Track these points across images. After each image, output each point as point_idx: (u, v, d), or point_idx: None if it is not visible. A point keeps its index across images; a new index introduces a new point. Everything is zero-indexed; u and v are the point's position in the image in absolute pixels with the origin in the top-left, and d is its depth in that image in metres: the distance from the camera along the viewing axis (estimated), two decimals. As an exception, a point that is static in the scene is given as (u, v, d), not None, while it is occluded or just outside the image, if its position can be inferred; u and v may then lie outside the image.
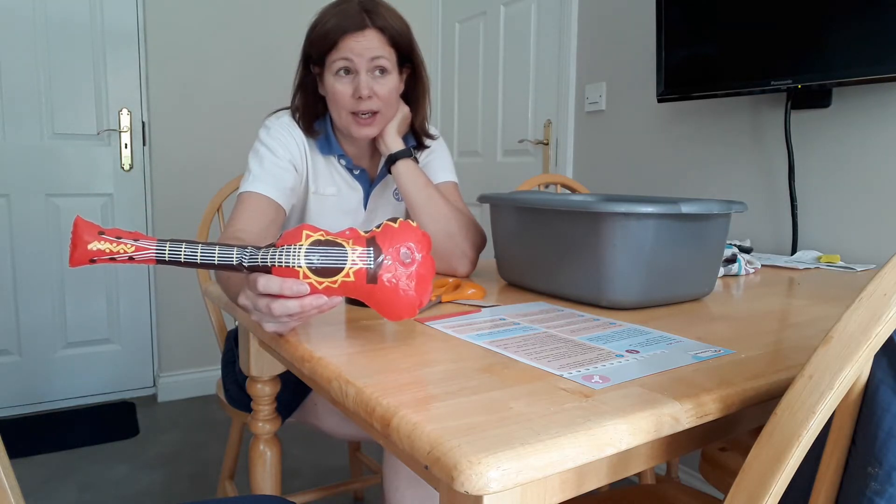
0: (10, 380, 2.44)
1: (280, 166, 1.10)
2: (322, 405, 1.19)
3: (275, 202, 1.07)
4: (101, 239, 0.62)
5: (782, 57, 1.46)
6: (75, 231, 0.61)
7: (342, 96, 1.07)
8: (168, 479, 1.97)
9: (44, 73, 2.38)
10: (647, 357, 0.63)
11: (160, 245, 0.63)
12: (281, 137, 1.12)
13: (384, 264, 0.66)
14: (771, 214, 1.67)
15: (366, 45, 1.05)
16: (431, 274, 0.70)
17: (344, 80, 1.07)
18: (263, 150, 1.10)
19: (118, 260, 0.62)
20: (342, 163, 1.18)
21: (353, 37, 1.05)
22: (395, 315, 0.68)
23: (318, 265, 0.64)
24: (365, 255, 0.65)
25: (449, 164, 1.28)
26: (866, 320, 0.40)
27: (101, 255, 0.62)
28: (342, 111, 1.09)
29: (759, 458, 0.44)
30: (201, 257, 0.64)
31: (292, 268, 0.63)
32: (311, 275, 0.63)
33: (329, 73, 1.08)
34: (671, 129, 1.94)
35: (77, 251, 0.61)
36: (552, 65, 2.38)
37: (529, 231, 0.96)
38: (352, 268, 0.65)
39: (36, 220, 2.43)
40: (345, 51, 1.05)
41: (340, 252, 0.65)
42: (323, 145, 1.16)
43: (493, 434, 0.44)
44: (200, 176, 2.61)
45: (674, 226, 0.85)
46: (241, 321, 0.91)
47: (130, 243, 0.63)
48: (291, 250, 0.64)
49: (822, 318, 0.83)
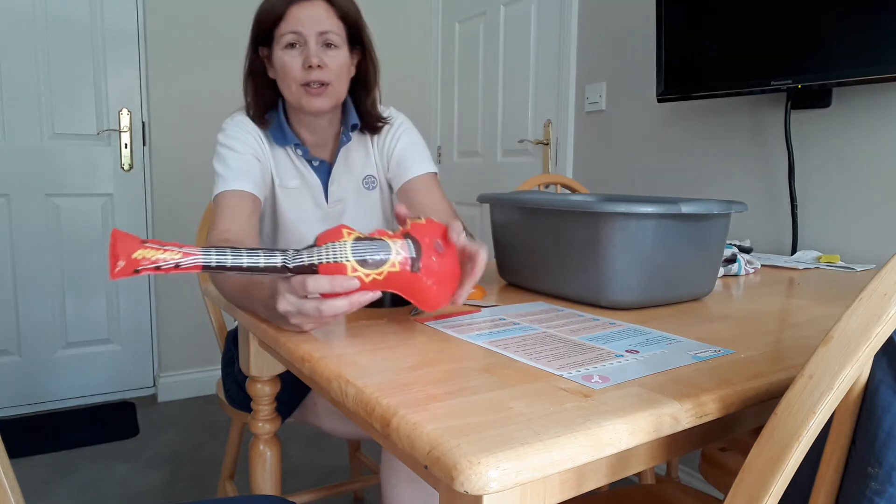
0: (10, 380, 2.44)
1: (243, 160, 1.10)
2: (322, 405, 1.19)
3: (248, 194, 1.07)
4: (145, 247, 0.60)
5: (782, 57, 1.46)
6: (115, 242, 0.59)
7: (291, 68, 1.06)
8: (168, 479, 1.97)
9: (44, 73, 2.38)
10: (647, 357, 0.63)
11: (206, 251, 0.63)
12: (237, 135, 1.12)
13: (423, 253, 0.68)
14: (771, 214, 1.67)
15: (314, 16, 1.05)
16: (458, 264, 0.73)
17: (293, 52, 1.06)
18: (224, 151, 1.11)
19: (163, 269, 0.61)
20: (299, 153, 1.16)
21: (299, 5, 1.04)
22: (434, 303, 0.70)
23: (366, 257, 0.66)
24: (405, 246, 0.68)
25: (424, 152, 1.24)
26: (866, 320, 0.40)
27: (146, 264, 0.60)
28: (292, 84, 1.07)
29: (759, 458, 0.44)
30: (247, 262, 0.64)
31: (340, 262, 0.65)
32: (359, 268, 0.65)
33: (278, 47, 1.07)
34: (671, 129, 1.94)
35: (120, 261, 0.59)
36: (552, 65, 2.38)
37: (529, 231, 0.96)
38: (396, 257, 0.67)
39: (36, 220, 2.43)
40: (292, 22, 1.04)
41: (383, 244, 0.67)
42: (277, 136, 1.15)
43: (493, 434, 0.44)
44: (200, 176, 2.61)
45: (674, 226, 0.85)
46: (241, 321, 0.91)
47: (177, 250, 0.62)
48: (336, 247, 0.65)
49: (822, 318, 0.83)
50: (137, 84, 2.53)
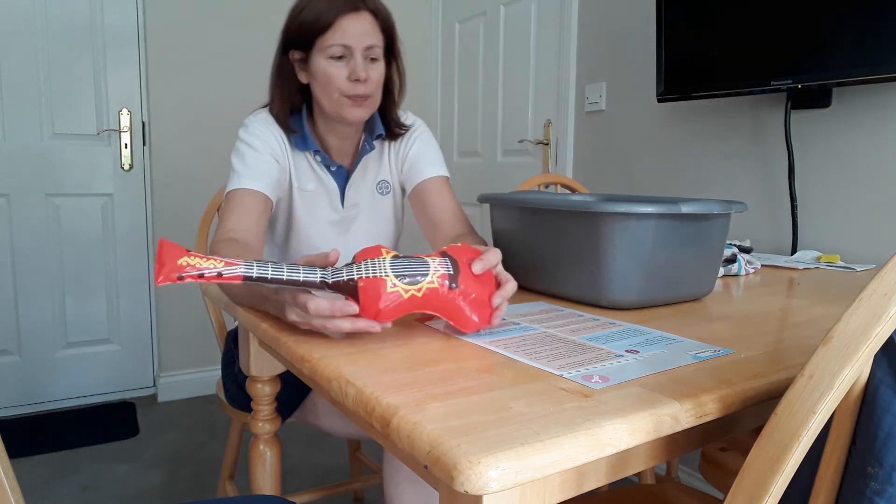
0: (10, 380, 2.44)
1: (261, 160, 1.10)
2: (322, 404, 1.19)
3: (261, 194, 1.07)
4: (189, 255, 0.62)
5: (782, 57, 1.46)
6: (161, 250, 0.62)
7: (336, 79, 1.06)
8: (168, 479, 1.97)
9: (44, 73, 2.38)
10: (647, 357, 0.63)
11: (248, 264, 0.65)
12: (259, 133, 1.12)
13: (461, 272, 0.69)
14: (771, 214, 1.67)
15: (363, 29, 1.05)
16: (494, 287, 0.73)
17: (338, 63, 1.06)
18: (244, 148, 1.11)
19: (206, 276, 0.62)
20: (318, 159, 1.17)
21: (349, 17, 1.04)
22: (472, 324, 0.70)
23: (404, 272, 0.66)
24: (443, 263, 0.69)
25: (437, 156, 1.26)
26: (866, 320, 0.40)
27: (190, 271, 0.62)
28: (335, 93, 1.07)
29: (759, 458, 0.44)
30: (287, 276, 0.66)
31: (379, 277, 0.65)
32: (398, 283, 0.66)
33: (321, 56, 1.07)
34: (671, 129, 1.94)
35: (166, 267, 0.61)
36: (552, 65, 2.38)
37: (529, 231, 0.96)
38: (434, 274, 0.68)
39: (36, 220, 2.42)
40: (340, 34, 1.04)
41: (421, 262, 0.68)
42: (298, 141, 1.15)
43: (493, 434, 0.44)
44: (200, 176, 2.61)
45: (674, 226, 0.85)
46: (241, 321, 0.91)
47: (220, 259, 0.64)
48: (375, 263, 0.66)
49: (822, 318, 0.83)
50: (137, 84, 2.53)
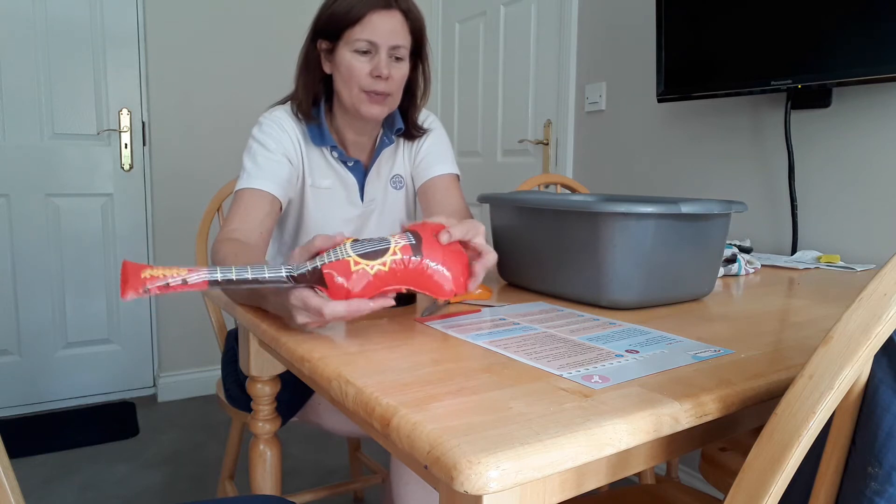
0: (10, 380, 2.44)
1: (273, 160, 1.10)
2: (323, 403, 1.19)
3: (269, 195, 1.07)
4: (153, 268, 0.64)
5: (782, 57, 1.46)
6: (124, 270, 0.63)
7: (358, 73, 1.06)
8: (168, 479, 1.97)
9: (44, 74, 2.38)
10: (647, 357, 0.63)
11: (211, 269, 0.66)
12: (273, 132, 1.12)
13: (424, 240, 0.70)
14: (771, 214, 1.67)
15: (391, 27, 1.05)
16: (463, 252, 0.74)
17: (362, 57, 1.07)
18: (256, 147, 1.11)
19: (172, 286, 0.63)
20: (334, 154, 1.17)
21: (379, 14, 1.05)
22: (443, 291, 0.71)
23: (366, 251, 0.68)
24: (404, 237, 0.70)
25: (449, 153, 1.27)
26: (866, 320, 0.40)
27: (154, 281, 0.63)
28: (354, 87, 1.08)
29: (759, 458, 0.44)
30: (252, 274, 0.67)
31: (342, 259, 0.67)
32: (361, 260, 0.67)
33: (346, 48, 1.07)
34: (671, 129, 1.94)
35: (130, 282, 0.62)
36: (552, 65, 2.37)
37: (529, 231, 0.96)
38: (396, 245, 0.69)
39: (36, 220, 2.42)
40: (369, 30, 1.05)
41: (381, 239, 0.70)
42: (315, 135, 1.15)
43: (493, 434, 0.44)
44: (200, 176, 2.61)
45: (674, 226, 0.85)
46: (241, 321, 0.91)
47: (183, 268, 0.65)
48: (337, 250, 0.68)
49: (822, 318, 0.83)
50: (137, 84, 2.53)
